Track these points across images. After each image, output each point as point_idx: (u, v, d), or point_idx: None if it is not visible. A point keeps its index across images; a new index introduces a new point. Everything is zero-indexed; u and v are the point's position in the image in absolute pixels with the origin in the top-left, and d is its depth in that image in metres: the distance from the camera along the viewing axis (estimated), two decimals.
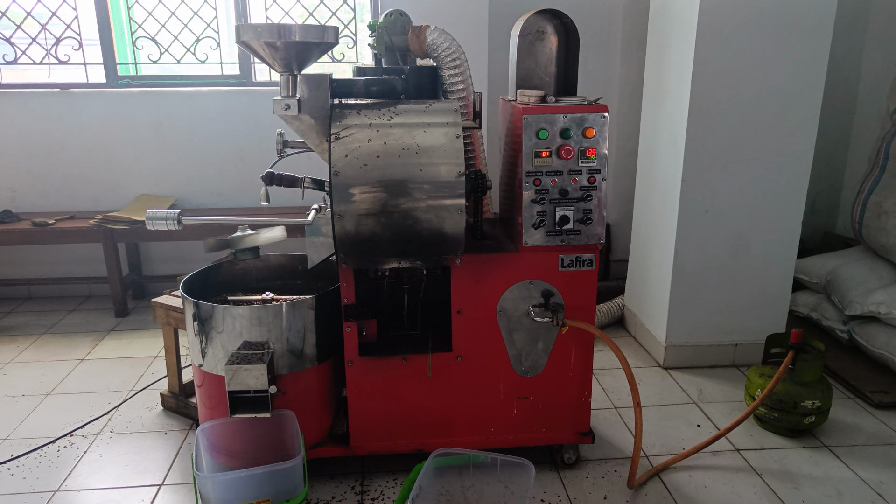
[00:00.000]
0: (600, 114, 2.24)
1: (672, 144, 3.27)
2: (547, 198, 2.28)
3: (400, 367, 2.45)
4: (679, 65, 3.17)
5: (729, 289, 3.38)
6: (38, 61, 4.24)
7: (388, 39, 2.58)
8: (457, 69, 2.54)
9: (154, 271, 4.59)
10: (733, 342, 3.48)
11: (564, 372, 2.52)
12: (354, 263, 2.32)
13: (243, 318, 2.35)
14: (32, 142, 4.27)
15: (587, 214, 2.30)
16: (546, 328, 2.44)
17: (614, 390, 3.26)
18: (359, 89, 2.37)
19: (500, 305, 2.41)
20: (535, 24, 2.49)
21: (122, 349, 3.77)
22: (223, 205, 4.45)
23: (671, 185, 3.28)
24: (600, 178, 2.28)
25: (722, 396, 3.21)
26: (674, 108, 3.25)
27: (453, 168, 2.19)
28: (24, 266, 4.47)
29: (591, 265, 2.38)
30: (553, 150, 2.25)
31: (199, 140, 4.34)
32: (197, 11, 4.22)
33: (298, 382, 2.45)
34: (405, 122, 2.23)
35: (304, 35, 2.21)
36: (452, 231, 2.22)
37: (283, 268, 2.90)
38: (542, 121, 2.24)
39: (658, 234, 3.48)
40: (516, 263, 2.37)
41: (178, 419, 3.03)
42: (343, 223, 2.20)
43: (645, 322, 3.70)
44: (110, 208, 4.36)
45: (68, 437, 2.90)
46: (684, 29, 3.10)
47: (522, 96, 2.35)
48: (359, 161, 2.17)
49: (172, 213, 2.18)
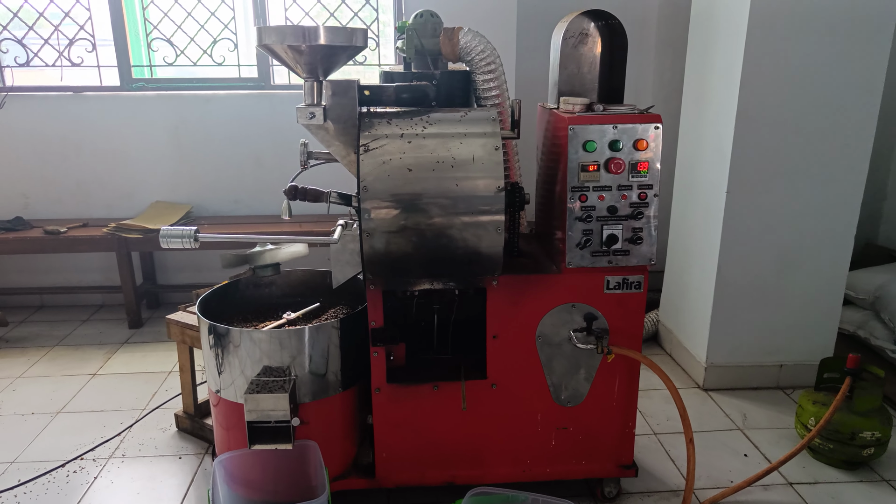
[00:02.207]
0: (654, 124, 2.06)
1: (717, 154, 3.07)
2: (594, 215, 2.10)
3: (430, 395, 2.28)
4: (725, 69, 2.98)
5: (775, 307, 3.18)
6: (50, 63, 4.11)
7: (419, 42, 2.42)
8: (491, 74, 2.37)
9: (169, 280, 4.45)
10: (778, 363, 3.27)
11: (607, 401, 2.34)
12: (383, 284, 2.16)
13: (264, 342, 2.19)
14: (45, 146, 4.14)
15: (637, 233, 2.11)
16: (589, 355, 2.26)
17: (652, 414, 3.07)
18: (389, 96, 2.20)
19: (540, 330, 2.23)
20: (579, 25, 2.31)
21: (135, 363, 3.63)
22: (240, 212, 4.30)
23: (715, 196, 3.08)
24: (652, 193, 2.10)
25: (768, 422, 3.01)
26: (719, 115, 3.05)
27: (492, 182, 2.02)
28: (36, 274, 4.34)
29: (640, 287, 2.20)
30: (601, 164, 2.07)
31: (216, 145, 4.19)
32: (214, 12, 4.07)
33: (321, 410, 2.29)
34: (440, 133, 2.06)
35: (331, 38, 2.04)
36: (489, 250, 2.05)
37: (304, 284, 2.74)
38: (589, 132, 2.06)
39: (699, 248, 3.29)
40: (558, 285, 2.19)
41: (192, 441, 2.88)
42: (372, 242, 2.03)
43: (683, 340, 3.50)
44: (125, 215, 4.22)
45: (78, 460, 2.75)
46: (732, 30, 2.90)
47: (566, 104, 2.17)
48: (390, 175, 2.00)
49: (189, 231, 2.02)
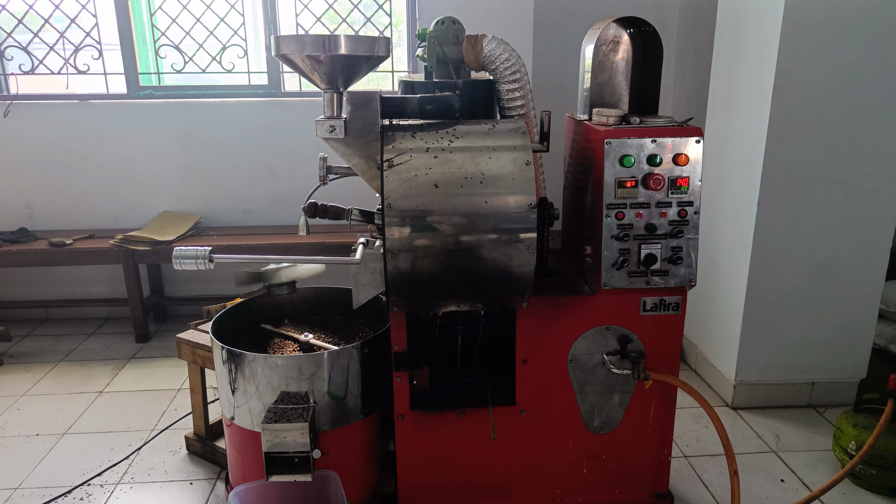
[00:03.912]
0: (694, 138, 1.94)
1: (746, 164, 2.94)
2: (631, 234, 1.98)
3: (456, 423, 2.17)
4: (756, 74, 2.85)
5: (807, 322, 3.06)
6: (56, 71, 4.01)
7: (440, 50, 2.30)
8: (516, 83, 2.26)
9: (176, 292, 4.34)
10: (810, 380, 3.15)
11: (642, 428, 2.22)
12: (407, 306, 2.04)
13: (282, 368, 2.08)
14: (50, 155, 4.04)
15: (677, 253, 2.00)
16: (623, 380, 2.14)
17: (682, 435, 2.95)
18: (412, 108, 2.09)
19: (572, 354, 2.12)
20: (611, 33, 2.20)
21: (143, 380, 3.52)
22: (250, 222, 4.18)
23: (745, 208, 2.96)
24: (692, 211, 1.98)
25: (803, 444, 2.89)
26: (749, 123, 2.93)
27: (523, 199, 1.90)
28: (41, 287, 4.23)
29: (678, 309, 2.08)
30: (639, 180, 1.95)
31: (226, 154, 4.08)
32: (223, 18, 3.96)
33: (342, 439, 2.17)
34: (468, 147, 1.95)
35: (352, 48, 1.94)
36: (521, 271, 1.94)
37: (321, 301, 2.63)
38: (626, 146, 1.94)
39: (728, 262, 3.16)
40: (592, 307, 2.08)
41: (203, 465, 2.77)
42: (396, 262, 1.92)
43: (710, 356, 3.38)
44: (132, 226, 4.12)
45: (85, 486, 2.64)
46: (764, 33, 2.78)
47: (599, 116, 2.06)
48: (415, 192, 1.89)
49: (203, 252, 1.91)
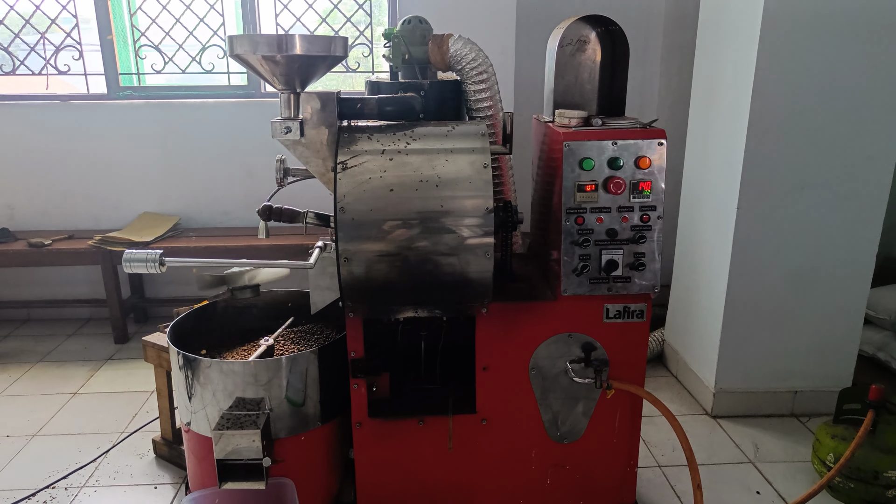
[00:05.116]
0: (657, 140, 1.88)
1: (726, 167, 2.88)
2: (591, 239, 1.92)
3: (416, 431, 2.12)
4: (736, 75, 2.79)
5: (789, 329, 2.99)
6: (36, 71, 3.98)
7: (406, 50, 2.26)
8: (483, 84, 2.21)
9: (157, 293, 4.31)
10: (792, 389, 3.08)
11: (608, 437, 2.16)
12: (364, 312, 1.99)
13: (236, 374, 2.03)
14: (30, 156, 4.01)
15: (639, 259, 1.94)
16: (587, 388, 2.09)
17: (658, 444, 2.89)
18: (371, 109, 2.04)
19: (534, 362, 2.07)
20: (577, 32, 2.14)
21: (118, 382, 3.49)
22: (230, 223, 4.15)
23: (724, 211, 2.90)
24: (656, 216, 1.92)
25: (782, 454, 2.82)
26: (728, 125, 2.87)
27: (480, 203, 1.85)
28: (23, 287, 4.21)
29: (642, 316, 2.02)
30: (599, 183, 1.90)
31: (205, 155, 4.04)
32: (203, 18, 3.93)
33: (300, 446, 2.13)
34: (424, 149, 1.90)
35: (307, 47, 1.90)
36: (478, 276, 1.89)
37: (285, 305, 2.59)
38: (586, 148, 1.89)
39: (707, 266, 3.10)
40: (553, 313, 2.02)
41: (169, 469, 2.73)
42: (350, 267, 1.87)
43: (690, 362, 3.31)
44: (112, 227, 4.09)
45: (49, 489, 2.61)
46: (744, 33, 2.72)
47: (562, 117, 2.00)
48: (369, 195, 1.85)
49: (153, 255, 1.87)
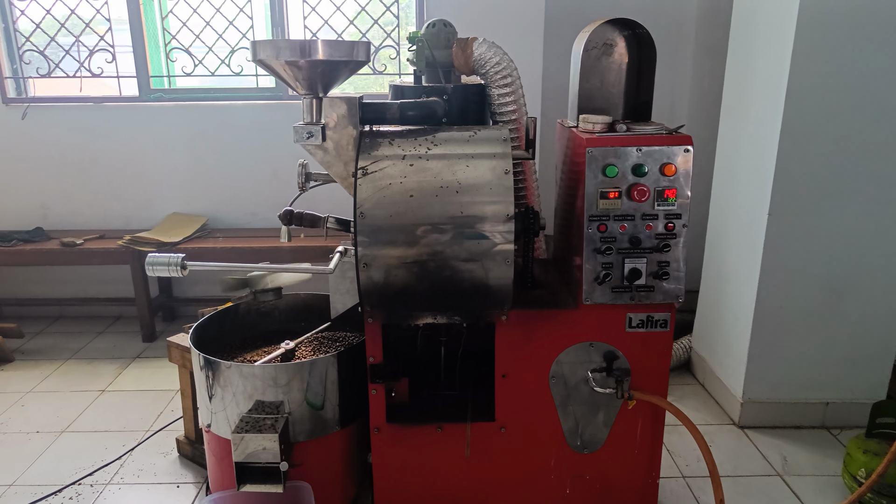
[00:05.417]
0: (683, 146, 1.84)
1: (756, 172, 2.81)
2: (614, 247, 1.89)
3: (434, 437, 2.11)
4: (769, 78, 2.72)
5: (821, 338, 2.90)
6: (71, 74, 4.08)
7: (430, 53, 2.25)
8: (508, 88, 2.19)
9: (185, 293, 4.37)
10: (824, 400, 2.99)
11: (629, 447, 2.12)
12: (382, 318, 1.99)
13: (255, 377, 2.04)
14: (64, 157, 4.10)
15: (663, 268, 1.90)
16: (608, 398, 2.05)
17: (682, 453, 2.83)
18: (393, 114, 2.04)
19: (554, 370, 2.04)
20: (602, 35, 2.11)
21: (145, 379, 3.55)
22: (257, 225, 4.19)
23: (755, 217, 2.83)
24: (681, 224, 1.88)
25: (811, 467, 2.74)
26: (760, 129, 2.80)
27: (501, 209, 1.83)
28: (55, 285, 4.31)
29: (666, 326, 1.98)
30: (623, 191, 1.86)
31: (233, 157, 4.09)
32: (232, 21, 3.98)
33: (318, 450, 2.13)
34: (445, 154, 1.89)
35: (330, 52, 1.90)
36: (498, 283, 1.87)
37: (309, 308, 2.60)
38: (609, 154, 1.85)
39: (737, 273, 3.03)
40: (574, 322, 1.99)
41: (192, 469, 2.76)
42: (369, 273, 1.86)
43: (717, 370, 3.24)
44: (142, 226, 4.16)
45: (75, 486, 2.66)
46: (778, 34, 2.64)
47: (586, 122, 1.97)
48: (389, 201, 1.84)
49: (175, 259, 1.89)
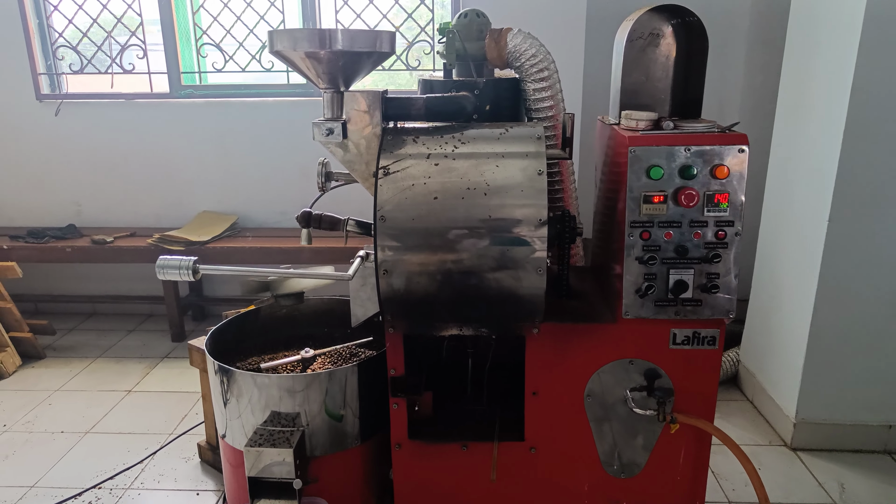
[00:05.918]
0: (738, 146, 1.66)
1: (816, 175, 2.59)
2: (658, 257, 1.72)
3: (458, 456, 1.97)
4: (831, 74, 2.50)
5: (884, 356, 2.67)
6: (103, 70, 4.06)
7: (461, 45, 2.10)
8: (544, 82, 2.04)
9: (215, 292, 4.33)
10: (886, 423, 2.75)
11: (670, 473, 1.95)
12: (404, 328, 1.86)
13: (271, 388, 1.94)
14: (97, 154, 4.10)
15: (713, 280, 1.72)
16: (648, 420, 1.88)
17: (728, 476, 2.63)
18: (418, 109, 1.90)
19: (589, 388, 1.88)
20: (648, 25, 1.93)
21: (171, 380, 3.50)
22: (286, 224, 4.11)
23: (813, 224, 2.61)
24: (733, 232, 1.69)
25: (871, 496, 2.51)
26: (821, 129, 2.58)
27: (532, 213, 1.68)
28: (88, 282, 4.32)
29: (714, 343, 1.80)
30: (669, 195, 1.69)
31: (264, 154, 4.03)
32: (263, 15, 3.91)
33: (336, 465, 2.02)
34: (473, 153, 1.74)
35: (351, 43, 1.77)
36: (529, 293, 1.72)
37: (331, 313, 2.49)
38: (654, 154, 1.68)
39: (791, 283, 2.81)
40: (612, 337, 1.83)
41: (212, 475, 2.69)
42: (390, 280, 1.74)
43: (768, 387, 3.02)
44: (173, 224, 4.13)
45: (95, 489, 2.61)
46: (843, 27, 2.43)
47: (629, 119, 1.80)
48: (411, 203, 1.71)
49: (187, 262, 1.79)
